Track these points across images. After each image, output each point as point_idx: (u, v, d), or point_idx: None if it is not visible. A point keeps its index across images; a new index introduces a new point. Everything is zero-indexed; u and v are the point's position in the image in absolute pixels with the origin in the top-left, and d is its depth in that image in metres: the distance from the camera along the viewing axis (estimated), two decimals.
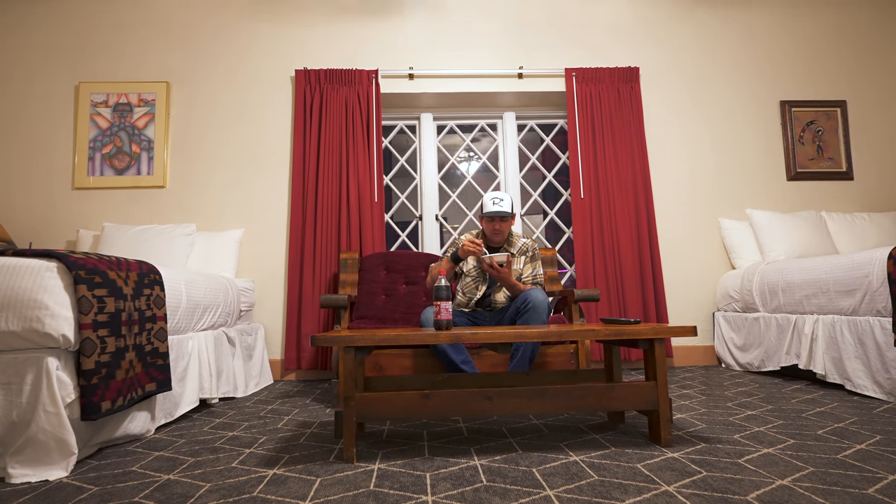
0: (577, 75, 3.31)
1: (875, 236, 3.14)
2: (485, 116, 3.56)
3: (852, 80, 3.53)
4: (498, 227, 2.23)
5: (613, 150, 3.26)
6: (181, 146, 3.23)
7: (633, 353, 3.16)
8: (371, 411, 1.44)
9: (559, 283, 2.88)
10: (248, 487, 1.22)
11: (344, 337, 1.41)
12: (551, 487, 1.17)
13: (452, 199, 3.57)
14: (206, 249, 2.95)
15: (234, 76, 3.30)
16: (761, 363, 2.77)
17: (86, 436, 1.45)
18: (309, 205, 3.09)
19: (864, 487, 1.12)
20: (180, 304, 2.00)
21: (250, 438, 1.68)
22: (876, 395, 2.05)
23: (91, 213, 3.14)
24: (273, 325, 3.11)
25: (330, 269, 3.04)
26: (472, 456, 1.43)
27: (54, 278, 1.38)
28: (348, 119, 3.18)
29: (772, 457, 1.35)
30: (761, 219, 3.13)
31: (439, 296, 1.60)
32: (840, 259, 2.31)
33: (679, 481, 1.19)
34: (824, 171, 3.42)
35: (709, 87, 3.46)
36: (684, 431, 1.63)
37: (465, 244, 2.06)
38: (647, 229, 3.18)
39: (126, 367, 1.54)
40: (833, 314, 2.33)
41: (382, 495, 1.15)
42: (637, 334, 1.47)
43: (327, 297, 2.26)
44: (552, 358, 2.21)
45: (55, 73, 3.24)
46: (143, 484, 1.26)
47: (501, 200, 2.20)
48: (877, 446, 1.42)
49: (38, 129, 3.19)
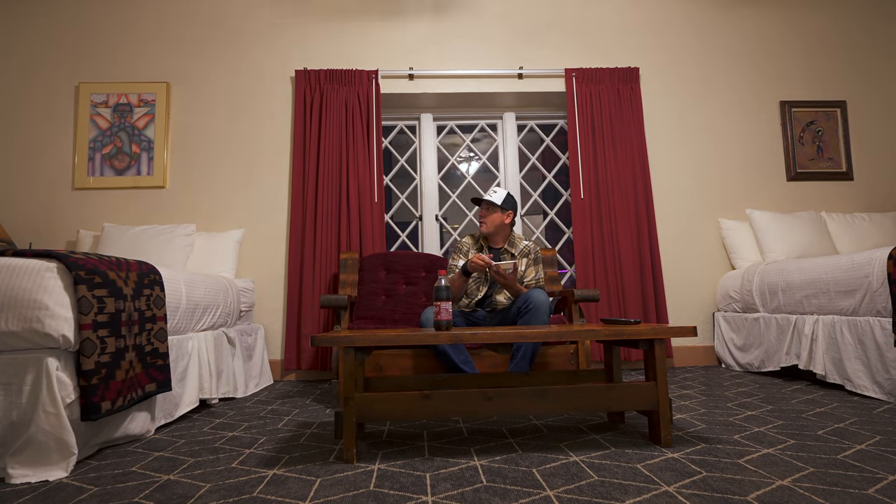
0: (577, 75, 3.31)
1: (875, 236, 3.14)
2: (485, 117, 3.56)
3: (852, 81, 3.53)
4: (482, 214, 2.30)
5: (613, 150, 3.26)
6: (181, 146, 3.23)
7: (633, 353, 3.16)
8: (371, 411, 1.44)
9: (559, 283, 2.88)
10: (248, 488, 1.22)
11: (344, 337, 1.41)
12: (551, 488, 1.17)
13: (452, 199, 3.57)
14: (206, 250, 2.95)
15: (234, 76, 3.30)
16: (761, 363, 2.77)
17: (86, 436, 1.45)
18: (309, 205, 3.08)
19: (864, 488, 1.12)
20: (180, 305, 2.00)
21: (250, 439, 1.68)
22: (876, 396, 2.05)
23: (91, 214, 3.14)
24: (273, 325, 3.11)
25: (330, 269, 3.04)
26: (472, 456, 1.43)
27: (54, 279, 1.38)
28: (348, 119, 3.18)
29: (772, 457, 1.35)
30: (761, 219, 3.13)
31: (439, 296, 1.60)
32: (840, 259, 2.31)
33: (679, 482, 1.19)
34: (824, 172, 3.42)
35: (709, 87, 3.46)
36: (684, 432, 1.63)
37: (472, 260, 2.07)
38: (647, 229, 3.18)
39: (126, 367, 1.54)
40: (833, 314, 2.33)
41: (382, 496, 1.15)
42: (637, 334, 1.47)
43: (327, 297, 2.26)
44: (552, 358, 2.21)
45: (55, 74, 3.24)
46: (143, 484, 1.26)
47: (495, 192, 2.29)
48: (877, 447, 1.41)
49: (38, 129, 3.19)
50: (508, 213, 2.28)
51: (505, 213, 2.27)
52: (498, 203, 2.24)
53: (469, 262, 2.09)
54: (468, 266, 2.10)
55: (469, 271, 2.13)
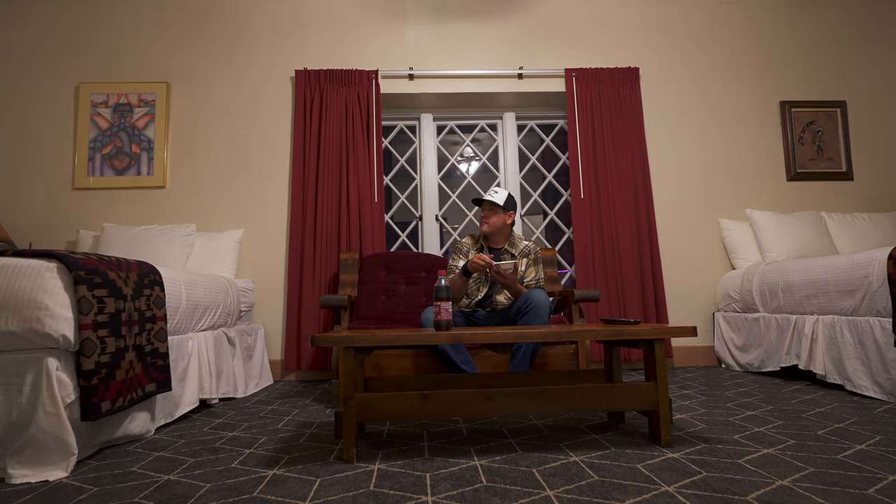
0: (577, 76, 3.31)
1: (875, 236, 3.14)
2: (485, 117, 3.56)
3: (852, 80, 3.53)
4: (484, 215, 2.29)
5: (613, 150, 3.26)
6: (181, 146, 3.23)
7: (633, 353, 3.16)
8: (371, 412, 1.44)
9: (559, 283, 2.88)
10: (248, 488, 1.22)
11: (344, 337, 1.41)
12: (551, 488, 1.17)
13: (452, 199, 3.57)
14: (206, 250, 2.95)
15: (234, 76, 3.30)
16: (761, 363, 2.77)
17: (86, 436, 1.45)
18: (309, 205, 3.08)
19: (864, 488, 1.12)
20: (180, 305, 2.00)
21: (250, 439, 1.68)
22: (876, 396, 2.05)
23: (91, 214, 3.14)
24: (273, 325, 3.11)
25: (330, 269, 3.04)
26: (472, 456, 1.43)
27: (54, 279, 1.38)
28: (348, 119, 3.18)
29: (772, 457, 1.35)
30: (761, 219, 3.13)
31: (439, 296, 1.60)
32: (840, 259, 2.31)
33: (679, 482, 1.19)
34: (824, 172, 3.42)
35: (709, 88, 3.46)
36: (684, 432, 1.63)
37: (473, 260, 2.07)
38: (647, 229, 3.18)
39: (126, 367, 1.54)
40: (833, 314, 2.33)
41: (382, 496, 1.15)
42: (637, 334, 1.47)
43: (327, 297, 2.27)
44: (552, 358, 2.21)
45: (55, 74, 3.24)
46: (143, 484, 1.26)
47: (496, 193, 2.28)
48: (877, 447, 1.41)
49: (38, 129, 3.19)
50: (510, 214, 2.28)
51: (506, 214, 2.28)
52: (500, 204, 2.24)
53: (470, 263, 2.09)
54: (469, 266, 2.10)
55: (470, 272, 2.14)
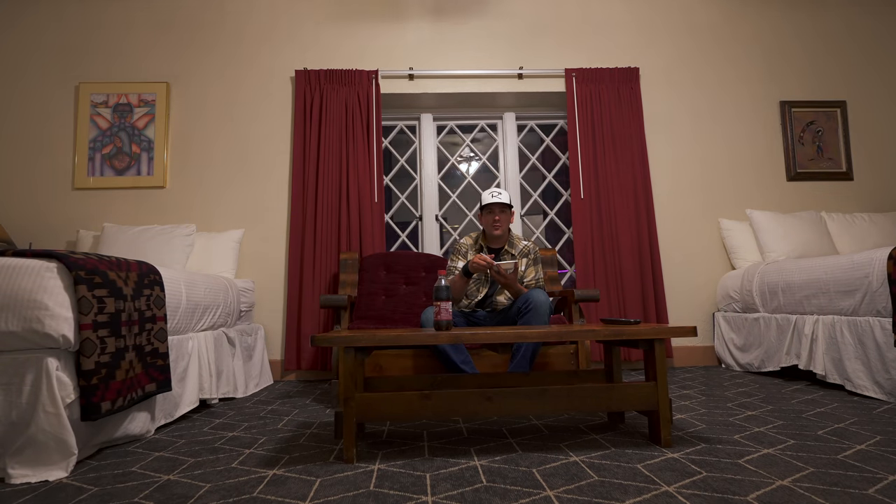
0: (577, 76, 3.31)
1: (875, 236, 3.14)
2: (485, 117, 3.56)
3: (852, 80, 3.53)
4: (498, 218, 2.24)
5: (613, 150, 3.26)
6: (181, 146, 3.23)
7: (633, 353, 3.16)
8: (371, 411, 1.44)
9: (559, 283, 2.88)
10: (248, 488, 1.22)
11: (344, 337, 1.41)
12: (551, 488, 1.17)
13: (452, 199, 3.57)
14: (206, 250, 2.95)
15: (234, 76, 3.30)
16: (761, 363, 2.77)
17: (86, 436, 1.45)
18: (309, 205, 3.08)
19: (864, 488, 1.12)
20: (180, 305, 2.00)
21: (250, 439, 1.68)
22: (876, 396, 2.05)
23: (91, 214, 3.14)
24: (273, 325, 3.11)
25: (330, 269, 3.04)
26: (472, 456, 1.43)
27: (54, 279, 1.38)
28: (348, 119, 3.18)
29: (772, 457, 1.35)
30: (761, 219, 3.13)
31: (439, 296, 1.60)
32: (840, 259, 2.31)
33: (679, 482, 1.19)
34: (824, 172, 3.42)
35: (709, 87, 3.46)
36: (684, 432, 1.63)
37: (473, 261, 2.06)
38: (647, 229, 3.18)
39: (126, 367, 1.54)
40: (833, 314, 2.33)
41: (382, 496, 1.15)
42: (637, 334, 1.47)
43: (327, 297, 2.27)
44: (552, 358, 2.21)
45: (55, 74, 3.24)
46: (143, 484, 1.26)
47: (500, 193, 2.26)
48: (877, 447, 1.42)
49: (38, 129, 3.19)
50: (513, 213, 2.30)
51: (511, 214, 2.29)
52: (509, 203, 2.25)
53: (470, 263, 2.09)
54: (470, 267, 2.10)
55: (470, 272, 2.13)
